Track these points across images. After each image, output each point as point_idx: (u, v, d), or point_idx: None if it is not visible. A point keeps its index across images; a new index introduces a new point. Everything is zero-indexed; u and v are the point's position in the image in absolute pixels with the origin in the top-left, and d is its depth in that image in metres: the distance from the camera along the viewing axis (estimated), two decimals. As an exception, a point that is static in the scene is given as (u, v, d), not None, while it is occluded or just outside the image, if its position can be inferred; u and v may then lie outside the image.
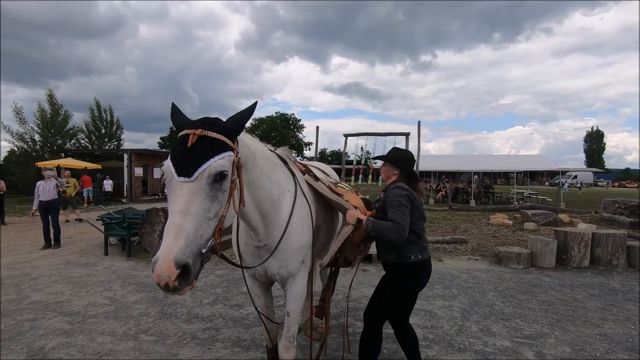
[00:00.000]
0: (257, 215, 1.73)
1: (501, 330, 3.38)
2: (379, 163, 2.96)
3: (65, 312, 3.69)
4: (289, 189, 1.89)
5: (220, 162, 1.31)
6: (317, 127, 17.94)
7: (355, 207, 2.15)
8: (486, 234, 8.59)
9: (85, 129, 22.99)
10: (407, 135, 12.34)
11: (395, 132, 12.75)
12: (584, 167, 57.24)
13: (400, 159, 2.25)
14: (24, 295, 4.22)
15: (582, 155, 67.47)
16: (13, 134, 18.65)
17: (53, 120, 19.54)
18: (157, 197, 20.08)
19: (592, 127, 68.17)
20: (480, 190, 18.08)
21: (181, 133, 1.36)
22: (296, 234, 1.85)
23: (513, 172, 32.71)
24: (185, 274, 1.19)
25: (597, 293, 4.49)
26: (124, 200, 18.54)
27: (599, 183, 42.70)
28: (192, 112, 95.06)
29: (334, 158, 47.52)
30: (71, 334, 3.20)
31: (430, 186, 19.68)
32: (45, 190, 7.56)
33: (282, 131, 56.34)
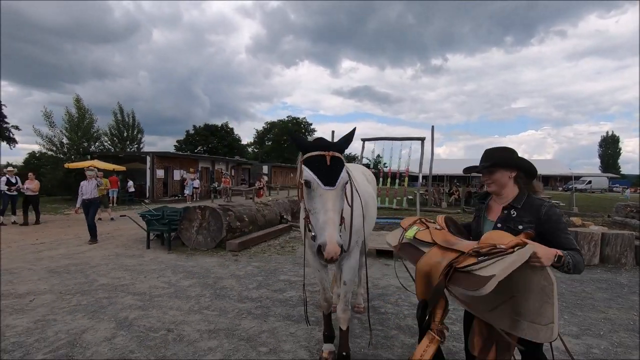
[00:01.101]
0: None
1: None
2: (392, 166, 2.71)
3: (134, 292, 4.27)
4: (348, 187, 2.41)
5: (345, 174, 1.92)
6: (333, 132, 18.52)
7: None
8: (500, 234, 8.96)
9: (109, 132, 23.99)
10: (422, 140, 12.82)
11: (411, 136, 13.24)
12: (599, 172, 56.69)
13: (513, 156, 1.80)
14: (92, 279, 4.83)
15: (597, 161, 66.70)
16: (43, 137, 19.65)
17: (80, 124, 20.50)
18: (177, 197, 20.86)
19: (607, 132, 67.32)
20: (493, 194, 18.37)
21: (317, 153, 1.90)
22: (354, 219, 2.37)
23: (526, 177, 32.77)
24: (341, 251, 1.78)
25: (605, 287, 4.88)
26: (146, 201, 19.33)
27: (614, 189, 42.23)
28: (203, 116, 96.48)
29: (345, 161, 47.77)
30: (145, 308, 3.77)
31: (443, 189, 20.02)
32: (88, 189, 8.23)
33: (293, 135, 57.07)
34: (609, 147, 64.06)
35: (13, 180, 10.59)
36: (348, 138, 2.08)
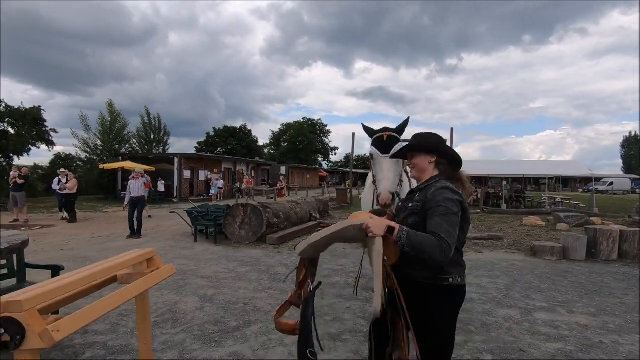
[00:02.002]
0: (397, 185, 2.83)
1: (539, 297, 4.35)
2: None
3: (202, 276, 4.96)
4: (407, 180, 3.00)
5: (398, 146, 2.55)
6: (353, 134, 19.02)
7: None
8: (520, 232, 9.39)
9: (137, 134, 25.17)
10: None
11: (433, 139, 13.69)
12: (621, 173, 55.40)
13: (433, 142, 1.76)
14: (161, 265, 5.55)
15: (620, 162, 65.15)
16: (79, 139, 20.89)
17: (112, 127, 21.67)
18: (202, 197, 21.78)
19: (630, 132, 65.65)
20: (512, 194, 18.58)
21: (378, 135, 2.62)
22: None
23: (544, 178, 32.62)
24: (393, 198, 2.40)
25: (622, 278, 5.32)
26: (174, 200, 20.33)
27: (637, 190, 41.36)
28: (219, 118, 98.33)
29: (360, 162, 48.31)
30: (217, 288, 4.45)
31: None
32: (135, 187, 8.93)
33: (309, 136, 57.93)
34: (632, 148, 62.41)
35: (64, 180, 11.55)
36: (403, 125, 2.73)
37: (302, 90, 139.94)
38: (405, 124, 2.75)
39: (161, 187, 20.27)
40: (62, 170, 11.74)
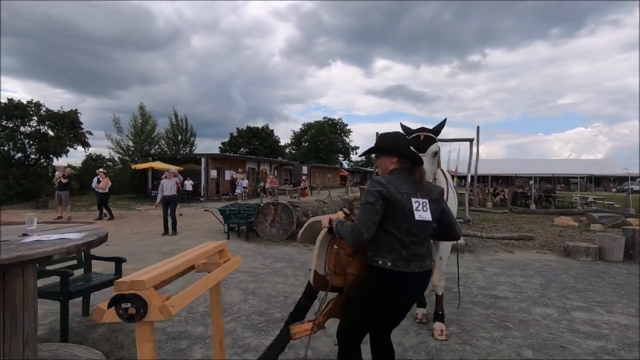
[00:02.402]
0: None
1: (576, 297, 4.33)
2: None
3: (241, 271, 5.21)
4: (443, 178, 3.11)
5: (435, 146, 2.70)
6: (377, 133, 19.08)
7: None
8: (552, 233, 9.20)
9: (165, 135, 26.10)
10: (471, 141, 13.08)
11: (459, 138, 13.55)
12: (659, 172, 52.48)
13: (393, 143, 1.89)
14: (201, 260, 5.86)
15: (656, 160, 61.74)
16: (113, 141, 21.91)
17: (143, 129, 22.58)
18: (227, 196, 22.34)
19: (669, 129, 62.05)
20: (541, 194, 18.10)
21: (415, 134, 2.77)
22: (451, 206, 3.06)
23: (575, 177, 31.42)
24: None
25: (663, 280, 5.19)
26: (201, 199, 20.97)
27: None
28: (240, 118, 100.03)
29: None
30: (257, 282, 4.68)
31: (488, 190, 19.96)
32: (167, 187, 9.32)
33: (329, 136, 58.11)
34: (671, 145, 59.08)
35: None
36: (440, 125, 2.87)
37: (321, 89, 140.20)
38: (442, 124, 2.87)
39: (189, 186, 20.96)
40: (101, 170, 12.38)
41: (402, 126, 2.95)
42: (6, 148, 19.19)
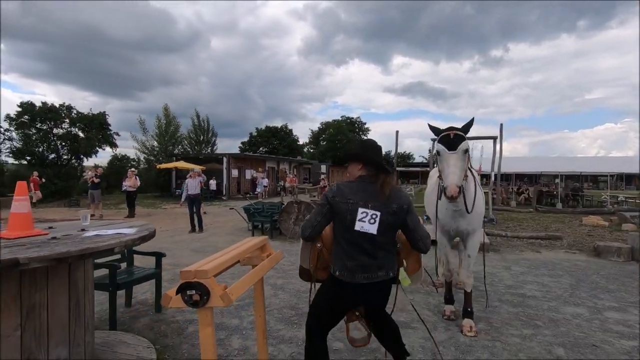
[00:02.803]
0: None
1: (608, 297, 4.26)
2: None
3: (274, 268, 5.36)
4: (472, 177, 3.15)
5: (465, 143, 2.74)
6: (397, 132, 18.91)
7: None
8: (580, 232, 8.97)
9: (188, 136, 26.79)
10: (494, 139, 12.86)
11: (482, 136, 13.33)
12: (696, 170, 49.64)
13: (360, 151, 1.98)
14: (229, 257, 6.07)
15: (693, 157, 58.46)
16: (138, 141, 22.70)
17: (167, 129, 23.27)
18: (248, 195, 22.74)
19: None
20: (568, 193, 17.56)
21: (445, 133, 2.81)
22: (479, 205, 3.10)
23: (604, 175, 30.20)
24: (460, 190, 2.62)
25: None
26: (224, 198, 21.45)
27: None
28: (258, 118, 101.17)
29: (399, 160, 47.59)
30: (285, 278, 4.83)
31: (511, 189, 19.53)
32: (192, 186, 9.58)
33: (347, 134, 58.02)
34: None
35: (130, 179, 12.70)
36: (468, 125, 2.89)
37: (339, 88, 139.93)
38: (470, 124, 2.89)
39: (214, 185, 21.47)
40: (132, 170, 12.87)
41: (431, 127, 3.00)
42: (41, 149, 20.20)
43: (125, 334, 2.99)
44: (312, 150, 57.83)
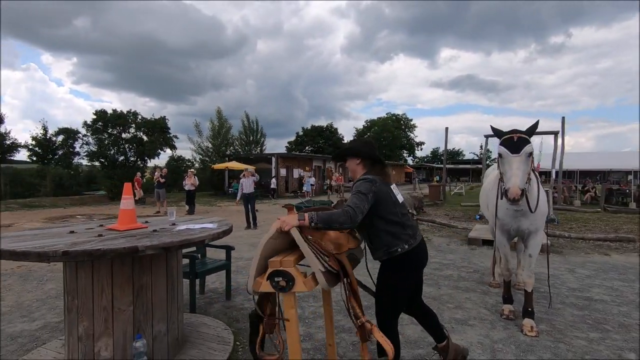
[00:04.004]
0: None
1: (690, 304, 3.94)
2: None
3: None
4: (534, 178, 3.12)
5: (529, 147, 2.75)
6: (447, 129, 18.44)
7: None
8: (658, 235, 8.17)
9: (239, 137, 28.15)
10: (555, 134, 12.07)
11: (542, 131, 12.55)
12: None
13: (356, 147, 2.28)
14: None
15: None
16: (194, 143, 24.32)
17: (220, 131, 24.67)
18: (296, 193, 23.37)
19: None
20: (644, 191, 15.90)
21: (508, 136, 2.83)
22: (542, 205, 3.07)
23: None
24: (522, 193, 2.64)
25: None
26: (273, 197, 22.27)
27: None
28: (303, 118, 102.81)
29: (448, 157, 45.83)
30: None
31: (575, 187, 18.10)
32: (247, 185, 10.14)
33: (393, 132, 57.01)
34: None
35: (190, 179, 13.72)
36: (533, 127, 2.87)
37: (383, 84, 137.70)
38: (535, 126, 2.88)
39: (274, 184, 22.31)
40: (191, 170, 13.89)
41: (493, 128, 3.01)
42: (112, 152, 22.40)
43: (204, 316, 3.39)
44: (357, 149, 57.54)
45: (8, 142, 21.92)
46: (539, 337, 3.06)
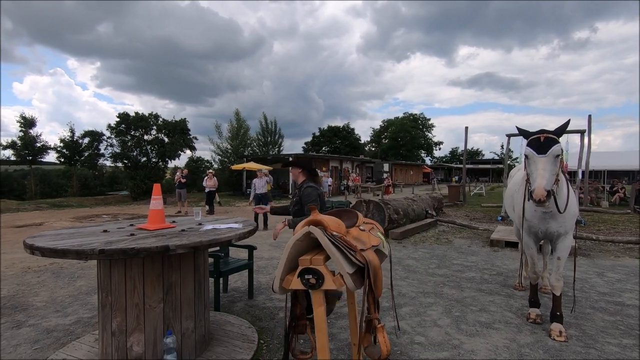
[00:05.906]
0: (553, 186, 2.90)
1: None
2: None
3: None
4: (563, 179, 3.03)
5: (557, 147, 2.68)
6: (466, 128, 18.12)
7: None
8: (694, 238, 7.77)
9: (257, 137, 28.47)
10: (582, 132, 11.68)
11: (569, 129, 12.16)
12: None
13: (301, 162, 3.30)
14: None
15: None
16: (214, 144, 24.77)
17: (238, 132, 25.02)
18: (313, 194, 23.42)
19: None
20: (677, 192, 15.14)
21: (535, 136, 2.77)
22: (572, 206, 2.98)
23: None
24: (549, 195, 2.58)
25: None
26: (290, 197, 22.41)
27: None
28: (318, 118, 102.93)
29: (467, 157, 44.96)
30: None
31: (602, 187, 17.44)
32: (259, 185, 10.16)
33: (411, 132, 56.39)
34: None
35: (209, 180, 13.97)
36: (564, 126, 2.80)
37: (399, 84, 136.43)
38: (565, 125, 2.82)
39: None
40: (210, 171, 14.14)
41: (519, 129, 2.95)
42: (135, 153, 23.07)
43: (228, 315, 3.45)
44: (373, 149, 57.34)
45: (39, 145, 22.89)
46: (568, 342, 2.98)
